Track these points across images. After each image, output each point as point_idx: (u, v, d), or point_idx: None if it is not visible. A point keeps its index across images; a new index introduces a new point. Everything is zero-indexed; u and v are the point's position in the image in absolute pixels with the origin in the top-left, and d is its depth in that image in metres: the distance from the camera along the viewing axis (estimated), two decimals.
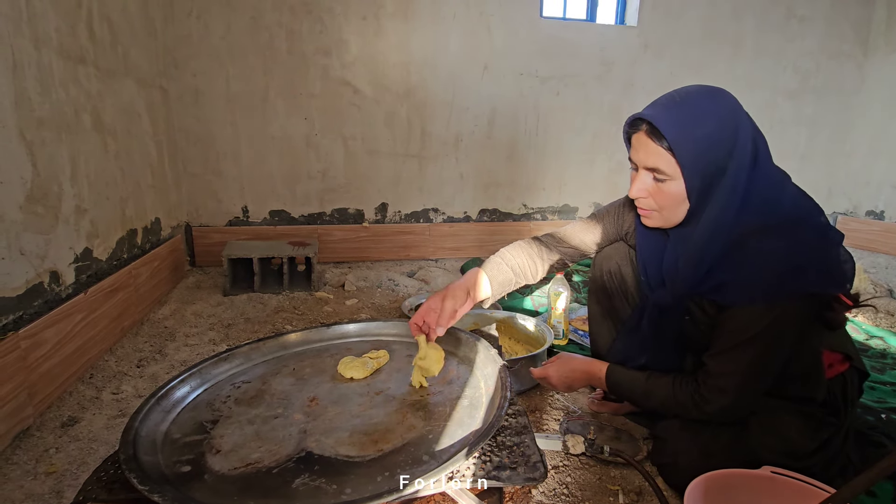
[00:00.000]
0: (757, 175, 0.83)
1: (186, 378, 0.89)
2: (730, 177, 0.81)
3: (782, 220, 0.82)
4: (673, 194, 0.85)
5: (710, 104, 0.82)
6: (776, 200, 0.83)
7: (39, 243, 1.29)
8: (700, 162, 0.81)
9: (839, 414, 0.93)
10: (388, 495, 0.59)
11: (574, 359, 1.12)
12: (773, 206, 0.83)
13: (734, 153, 0.81)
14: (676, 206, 0.86)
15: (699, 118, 0.81)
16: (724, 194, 0.82)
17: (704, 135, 0.80)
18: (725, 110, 0.82)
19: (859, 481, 0.57)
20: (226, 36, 2.41)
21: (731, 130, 0.81)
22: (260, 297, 2.10)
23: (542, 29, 2.79)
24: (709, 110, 0.81)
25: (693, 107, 0.82)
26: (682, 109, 0.82)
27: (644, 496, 0.96)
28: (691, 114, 0.81)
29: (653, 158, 0.84)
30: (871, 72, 3.32)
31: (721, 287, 0.84)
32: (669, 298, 0.94)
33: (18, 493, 0.96)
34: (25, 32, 1.27)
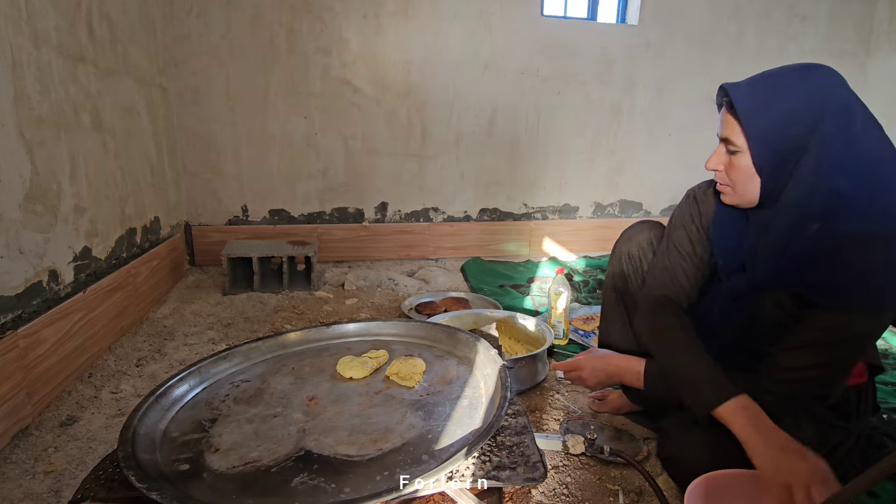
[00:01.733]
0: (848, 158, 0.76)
1: (185, 377, 0.89)
2: (812, 156, 0.76)
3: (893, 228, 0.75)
4: (742, 168, 0.81)
5: (796, 77, 0.78)
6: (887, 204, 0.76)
7: (38, 242, 1.29)
8: (770, 136, 0.77)
9: (848, 419, 0.92)
10: (387, 494, 0.59)
11: (609, 354, 1.09)
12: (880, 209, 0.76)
13: (816, 135, 0.75)
14: (747, 182, 0.82)
15: (778, 90, 0.77)
16: (806, 174, 0.76)
17: (780, 109, 0.76)
18: (814, 86, 0.77)
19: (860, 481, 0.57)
20: (226, 35, 2.41)
21: (815, 110, 0.75)
22: (259, 297, 2.10)
23: (543, 28, 2.78)
24: (792, 84, 0.78)
25: (776, 78, 0.79)
26: (763, 81, 0.79)
27: (644, 496, 0.96)
28: (772, 85, 0.78)
29: (727, 129, 0.82)
30: (873, 71, 3.31)
31: (817, 287, 0.79)
32: (744, 286, 0.89)
33: (17, 492, 0.96)
34: (25, 31, 1.27)
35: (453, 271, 2.60)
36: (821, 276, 0.78)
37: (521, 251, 3.03)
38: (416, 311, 1.91)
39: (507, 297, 2.13)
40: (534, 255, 3.02)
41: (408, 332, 1.12)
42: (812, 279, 0.79)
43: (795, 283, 0.81)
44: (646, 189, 3.17)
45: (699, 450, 0.91)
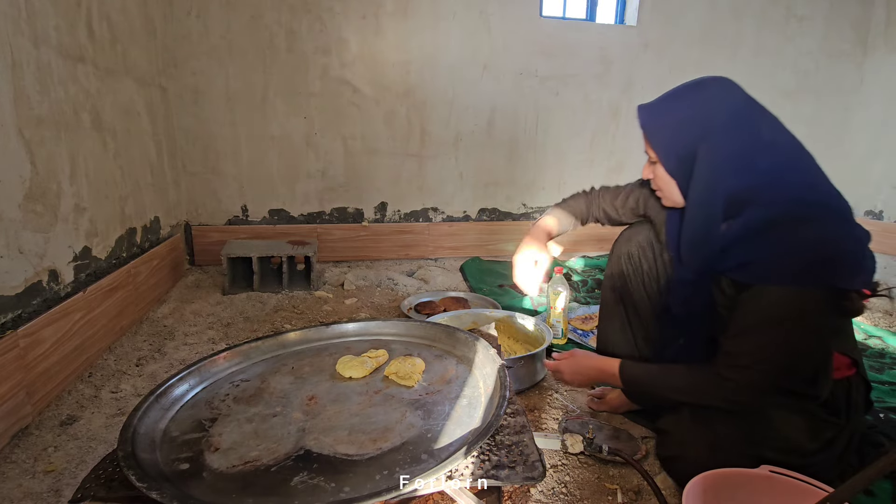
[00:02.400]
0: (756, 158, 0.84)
1: (185, 376, 0.89)
2: (705, 159, 0.85)
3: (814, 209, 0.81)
4: (661, 175, 0.93)
5: (687, 92, 0.89)
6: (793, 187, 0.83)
7: (38, 242, 1.29)
8: (670, 144, 0.89)
9: (839, 414, 0.93)
10: (386, 493, 0.59)
11: (587, 356, 1.12)
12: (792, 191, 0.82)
13: (707, 137, 0.85)
14: (669, 187, 0.93)
15: (670, 106, 0.89)
16: (703, 175, 0.86)
17: (672, 122, 0.88)
18: (702, 97, 0.87)
19: (857, 480, 0.57)
20: (225, 35, 2.41)
21: (699, 119, 0.86)
22: (259, 296, 2.10)
23: (542, 28, 2.79)
24: (682, 98, 0.89)
25: (670, 96, 0.90)
26: (661, 99, 0.91)
27: (642, 495, 0.96)
28: (666, 102, 0.90)
29: (645, 143, 0.94)
30: (870, 71, 3.32)
31: (745, 266, 0.84)
32: (690, 275, 0.95)
33: (17, 491, 0.96)
34: (24, 30, 1.27)
35: (452, 271, 2.60)
36: (753, 255, 0.83)
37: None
38: (415, 311, 1.91)
39: (506, 297, 2.13)
40: None
41: (407, 331, 1.12)
42: (744, 258, 0.84)
43: (732, 266, 0.87)
44: None
45: (699, 449, 0.92)
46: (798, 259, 0.78)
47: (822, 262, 0.78)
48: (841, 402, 0.93)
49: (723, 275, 0.89)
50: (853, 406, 0.94)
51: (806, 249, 0.78)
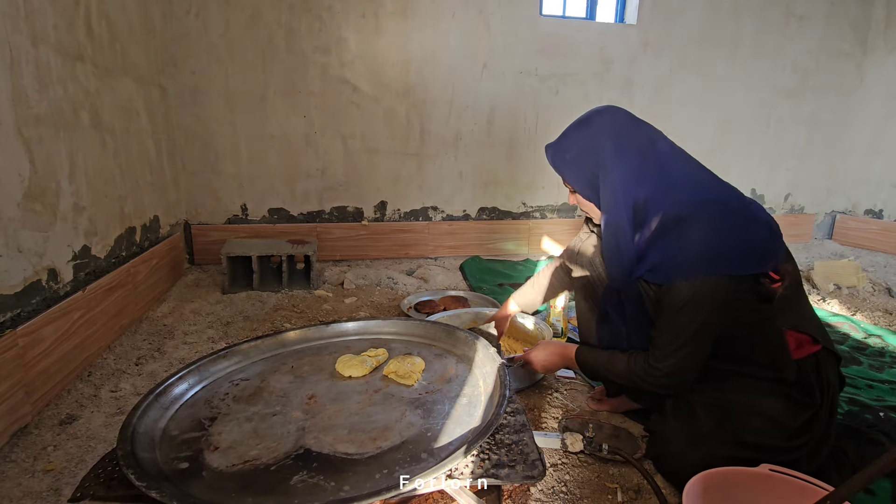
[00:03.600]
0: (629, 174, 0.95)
1: (185, 375, 0.89)
2: (602, 183, 0.97)
3: (699, 207, 0.90)
4: (582, 201, 1.06)
5: (579, 129, 1.01)
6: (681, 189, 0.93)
7: (37, 241, 1.29)
8: (578, 176, 1.01)
9: (812, 393, 0.94)
10: (386, 492, 0.59)
11: (551, 344, 1.19)
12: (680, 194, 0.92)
13: (603, 165, 0.97)
14: (591, 209, 1.06)
15: (568, 144, 1.02)
16: (606, 193, 0.97)
17: (571, 158, 1.01)
18: (590, 131, 0.99)
19: (858, 479, 0.57)
20: (224, 34, 2.41)
21: (592, 149, 0.98)
22: (259, 296, 2.10)
23: (542, 27, 2.78)
24: (575, 135, 1.01)
25: (566, 135, 1.03)
26: (561, 139, 1.04)
27: (642, 494, 0.96)
28: (565, 141, 1.03)
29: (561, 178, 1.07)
30: (869, 71, 3.32)
31: (654, 269, 0.93)
32: (616, 283, 1.05)
33: (17, 490, 0.96)
34: (23, 29, 1.26)
35: (452, 270, 2.60)
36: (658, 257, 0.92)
37: (519, 250, 3.03)
38: (415, 310, 1.91)
39: (505, 296, 2.13)
40: (532, 253, 3.03)
41: (407, 330, 1.12)
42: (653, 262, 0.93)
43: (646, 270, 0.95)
44: None
45: (681, 442, 0.96)
46: (690, 255, 0.88)
47: (710, 253, 0.87)
48: (812, 380, 0.94)
49: (642, 279, 0.98)
50: (825, 382, 0.95)
51: (695, 245, 0.88)
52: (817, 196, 3.57)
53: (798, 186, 3.50)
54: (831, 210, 3.61)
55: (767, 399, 0.94)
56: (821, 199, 3.59)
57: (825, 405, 0.95)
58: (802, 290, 1.00)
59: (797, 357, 0.94)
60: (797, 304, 0.99)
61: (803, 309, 1.00)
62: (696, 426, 0.95)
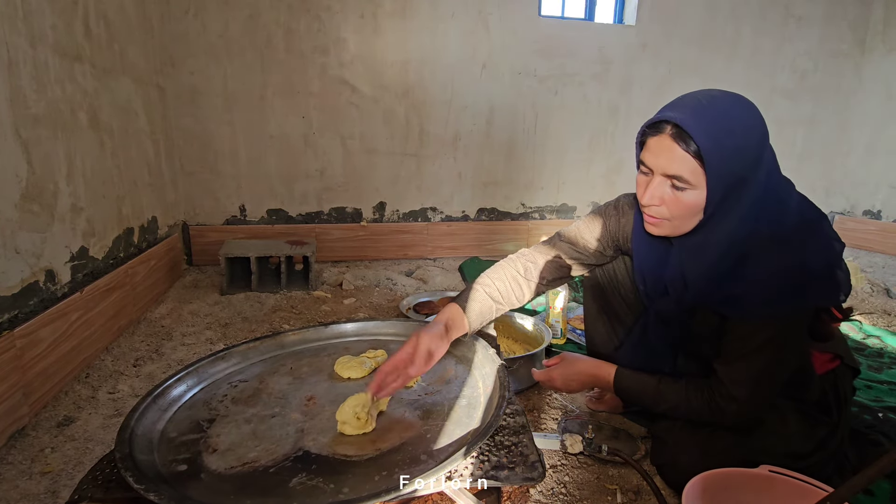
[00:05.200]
0: (770, 186, 0.81)
1: (183, 377, 0.88)
2: (753, 189, 0.78)
3: (791, 231, 0.79)
4: (690, 204, 0.80)
5: (739, 112, 0.78)
6: (784, 211, 0.81)
7: (35, 241, 1.28)
8: (726, 173, 0.77)
9: (831, 411, 0.93)
10: (385, 494, 0.59)
11: (579, 360, 1.08)
12: (781, 216, 0.81)
13: (760, 165, 0.78)
14: (691, 217, 0.82)
15: (731, 126, 0.76)
16: (743, 206, 0.79)
17: (735, 145, 0.76)
18: (755, 120, 0.79)
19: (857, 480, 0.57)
20: (223, 34, 2.40)
21: (759, 141, 0.78)
22: (257, 297, 2.10)
23: (541, 28, 2.78)
24: (739, 118, 0.77)
25: (723, 114, 0.77)
26: (712, 115, 0.77)
27: (642, 495, 0.96)
28: (721, 121, 0.76)
29: (676, 165, 0.78)
30: (868, 71, 3.32)
31: (733, 300, 0.82)
32: (674, 308, 0.92)
33: (14, 493, 0.96)
34: (21, 29, 1.26)
35: (451, 271, 2.60)
36: (740, 289, 0.81)
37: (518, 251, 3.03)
38: (414, 311, 1.91)
39: None
40: None
41: (406, 331, 1.12)
42: (732, 292, 0.82)
43: (721, 300, 0.84)
44: None
45: (691, 455, 0.92)
46: (778, 291, 0.78)
47: (800, 288, 0.78)
48: (830, 397, 0.93)
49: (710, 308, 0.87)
50: (842, 399, 0.94)
51: (785, 279, 0.77)
52: (816, 197, 3.56)
53: (796, 187, 3.50)
54: (830, 211, 3.61)
55: (786, 418, 0.91)
56: (819, 199, 3.59)
57: (840, 425, 0.93)
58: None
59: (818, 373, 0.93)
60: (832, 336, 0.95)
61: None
62: (710, 440, 0.92)
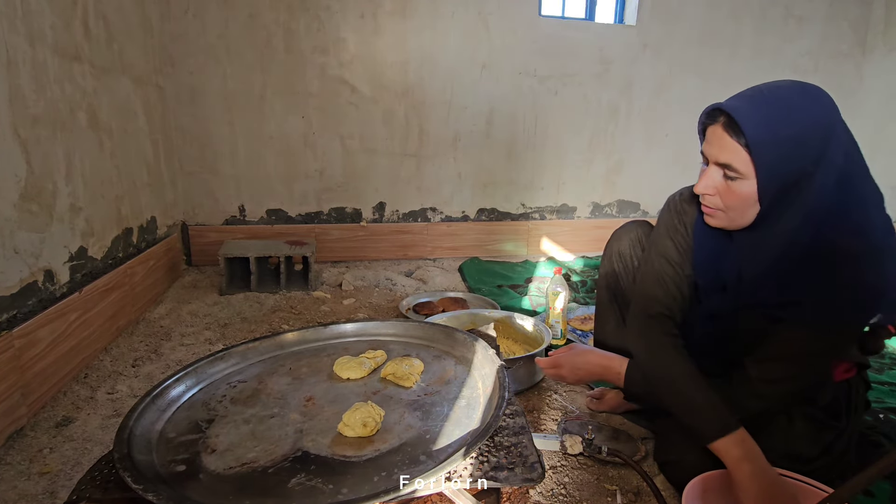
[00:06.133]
0: (849, 193, 0.76)
1: (182, 377, 0.88)
2: (817, 188, 0.74)
3: (871, 246, 0.75)
4: (743, 195, 0.78)
5: (802, 102, 0.74)
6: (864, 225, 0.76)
7: (34, 241, 1.28)
8: (780, 165, 0.74)
9: (839, 417, 0.92)
10: (384, 495, 0.58)
11: (590, 351, 1.07)
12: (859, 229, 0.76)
13: (822, 161, 0.74)
14: (745, 209, 0.79)
15: (787, 116, 0.73)
16: (805, 205, 0.75)
17: (790, 136, 0.73)
18: (819, 111, 0.74)
19: (857, 481, 0.57)
20: (223, 34, 2.40)
21: (823, 135, 0.73)
22: (256, 297, 2.10)
23: (541, 28, 2.78)
24: (800, 108, 0.74)
25: (782, 103, 0.74)
26: (769, 104, 0.74)
27: (642, 496, 0.96)
28: (778, 110, 0.74)
29: (726, 154, 0.77)
30: (869, 71, 3.32)
31: (797, 304, 0.79)
32: (728, 306, 0.89)
33: (12, 493, 0.95)
34: (20, 29, 1.26)
35: (451, 271, 2.59)
36: (807, 294, 0.78)
37: (518, 251, 3.03)
38: (413, 311, 1.91)
39: (504, 297, 2.13)
40: (532, 255, 3.02)
41: (405, 332, 1.12)
42: (798, 296, 0.80)
43: (783, 303, 0.82)
44: (643, 189, 3.17)
45: (698, 453, 0.90)
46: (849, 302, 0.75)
47: (869, 303, 0.76)
48: (842, 405, 0.92)
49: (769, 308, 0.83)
50: (854, 408, 0.93)
51: (859, 292, 0.74)
52: None
53: None
54: None
55: (794, 422, 0.90)
56: None
57: (847, 430, 0.92)
58: None
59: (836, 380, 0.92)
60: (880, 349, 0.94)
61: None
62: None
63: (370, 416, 0.77)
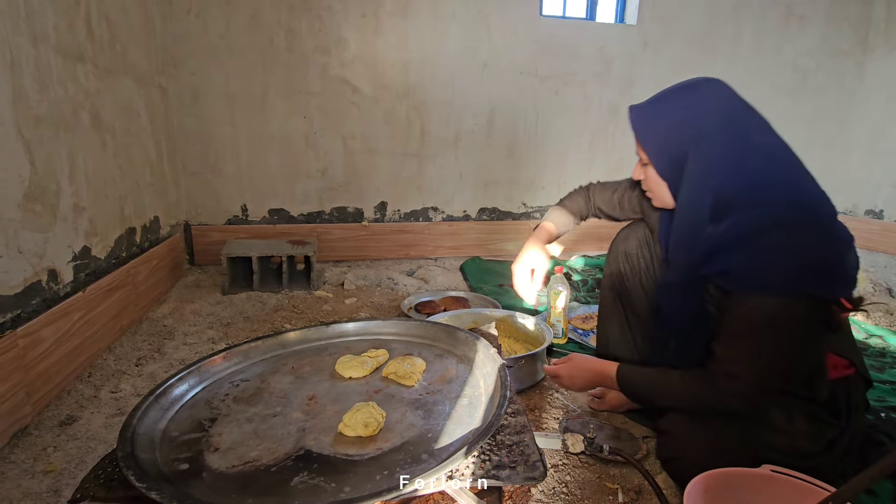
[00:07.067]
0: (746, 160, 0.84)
1: (185, 376, 0.88)
2: (694, 162, 0.87)
3: (793, 215, 0.80)
4: (653, 177, 0.95)
5: (677, 96, 0.90)
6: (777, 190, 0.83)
7: (37, 241, 1.29)
8: (661, 147, 0.90)
9: (840, 416, 0.92)
10: (387, 494, 0.59)
11: (586, 360, 1.11)
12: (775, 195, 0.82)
13: (699, 140, 0.86)
14: (659, 188, 0.95)
15: (663, 108, 0.90)
16: (694, 178, 0.87)
17: (664, 125, 0.89)
18: (694, 100, 0.88)
19: (860, 480, 0.57)
20: (225, 34, 2.41)
21: (692, 122, 0.87)
22: (259, 296, 2.10)
23: (542, 27, 2.78)
24: (674, 102, 0.90)
25: (661, 99, 0.91)
26: (651, 103, 0.92)
27: (643, 495, 0.96)
28: (658, 104, 0.91)
29: (637, 145, 0.96)
30: (870, 70, 3.32)
31: (729, 273, 0.84)
32: (679, 277, 0.95)
33: (16, 491, 0.96)
34: (23, 30, 1.26)
35: (452, 270, 2.60)
36: (736, 261, 0.83)
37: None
38: (415, 311, 1.91)
39: (506, 297, 2.13)
40: None
41: (407, 331, 1.12)
42: (727, 265, 0.84)
43: (716, 272, 0.87)
44: None
45: (700, 450, 0.92)
46: (780, 269, 0.79)
47: (803, 271, 0.78)
48: (841, 403, 0.92)
49: (708, 279, 0.89)
50: (854, 406, 0.93)
51: (788, 259, 0.78)
52: None
53: None
54: None
55: (795, 417, 0.91)
56: None
57: (850, 428, 0.92)
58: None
59: (831, 378, 0.91)
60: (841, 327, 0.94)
61: (845, 332, 0.96)
62: (719, 436, 0.91)
63: (372, 416, 0.78)
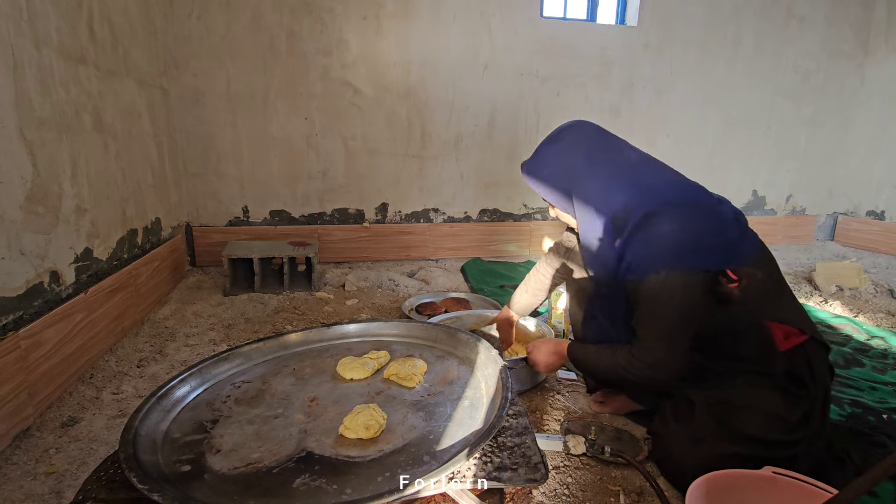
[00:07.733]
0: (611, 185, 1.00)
1: (186, 378, 0.89)
2: (577, 198, 1.03)
3: (667, 205, 0.94)
4: (560, 213, 1.12)
5: (549, 149, 1.07)
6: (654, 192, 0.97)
7: (40, 243, 1.29)
8: (553, 193, 1.06)
9: (805, 385, 0.95)
10: (388, 495, 0.59)
11: (548, 342, 1.22)
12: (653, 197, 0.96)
13: (574, 182, 1.03)
14: (568, 218, 1.11)
15: (539, 164, 1.08)
16: (581, 209, 1.03)
17: (544, 176, 1.07)
18: (558, 150, 1.05)
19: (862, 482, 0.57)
20: (226, 36, 2.41)
21: (565, 166, 1.04)
22: (260, 297, 2.10)
23: (543, 29, 2.79)
24: (546, 156, 1.07)
25: (538, 153, 1.09)
26: (532, 158, 1.10)
27: (645, 496, 0.96)
28: (536, 160, 1.09)
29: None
30: (870, 72, 3.32)
31: (629, 267, 0.97)
32: (602, 288, 1.09)
33: (18, 493, 0.96)
34: (26, 32, 1.27)
35: (453, 272, 2.60)
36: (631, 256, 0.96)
37: (521, 251, 3.03)
38: (416, 312, 1.91)
39: (507, 298, 2.13)
40: (534, 255, 3.02)
41: (408, 332, 1.12)
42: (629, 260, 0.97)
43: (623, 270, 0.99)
44: None
45: (682, 444, 0.96)
46: (665, 246, 0.92)
47: (686, 245, 0.91)
48: (804, 371, 0.95)
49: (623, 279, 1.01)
50: (815, 372, 0.96)
51: (671, 237, 0.91)
52: (819, 197, 3.57)
53: (799, 188, 3.50)
54: (833, 211, 3.60)
55: (764, 393, 0.95)
56: (822, 200, 3.58)
57: (818, 396, 0.95)
58: (784, 282, 1.03)
59: (785, 348, 0.95)
60: (778, 296, 1.00)
61: (785, 301, 1.01)
62: (696, 427, 0.96)
63: (373, 418, 0.78)
